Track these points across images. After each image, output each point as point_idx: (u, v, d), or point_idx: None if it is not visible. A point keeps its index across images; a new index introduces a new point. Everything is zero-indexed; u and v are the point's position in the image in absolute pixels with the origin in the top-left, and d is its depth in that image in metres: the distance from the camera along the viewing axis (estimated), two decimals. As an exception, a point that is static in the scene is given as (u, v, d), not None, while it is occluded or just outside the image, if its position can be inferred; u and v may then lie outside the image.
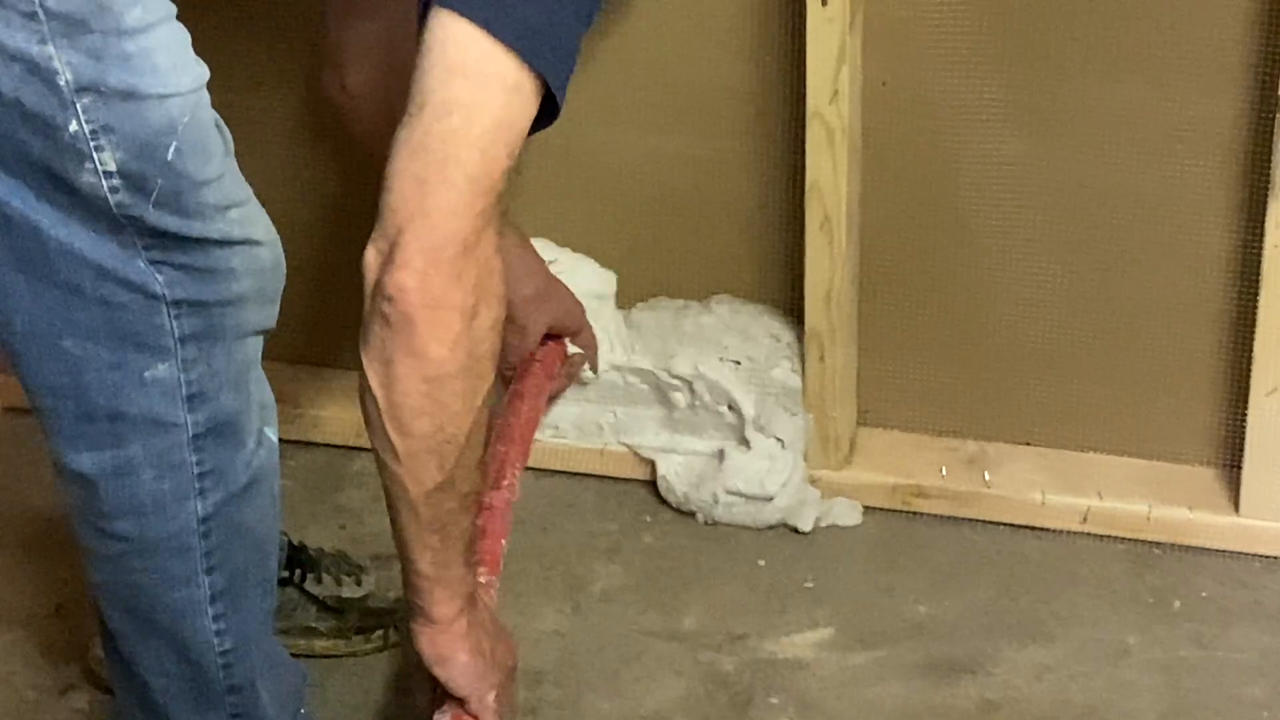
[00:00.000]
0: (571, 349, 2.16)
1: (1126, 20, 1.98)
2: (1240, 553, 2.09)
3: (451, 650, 1.66)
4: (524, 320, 2.08)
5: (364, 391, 1.55)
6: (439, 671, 1.67)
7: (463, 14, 1.48)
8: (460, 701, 1.68)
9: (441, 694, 1.69)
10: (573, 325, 2.16)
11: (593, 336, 2.18)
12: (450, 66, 1.49)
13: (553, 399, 2.18)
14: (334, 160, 2.26)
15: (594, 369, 2.19)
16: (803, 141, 2.04)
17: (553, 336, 2.13)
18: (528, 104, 1.52)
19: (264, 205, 1.61)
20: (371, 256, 1.52)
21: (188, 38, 1.50)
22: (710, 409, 2.17)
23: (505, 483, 1.93)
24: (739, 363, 2.16)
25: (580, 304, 2.16)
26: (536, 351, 2.11)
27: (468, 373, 1.53)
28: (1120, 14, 1.97)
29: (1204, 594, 2.05)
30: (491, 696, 1.69)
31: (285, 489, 2.21)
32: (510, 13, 1.49)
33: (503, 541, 1.87)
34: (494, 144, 1.50)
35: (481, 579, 1.78)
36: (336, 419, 2.33)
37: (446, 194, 1.49)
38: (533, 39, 1.49)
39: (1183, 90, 1.99)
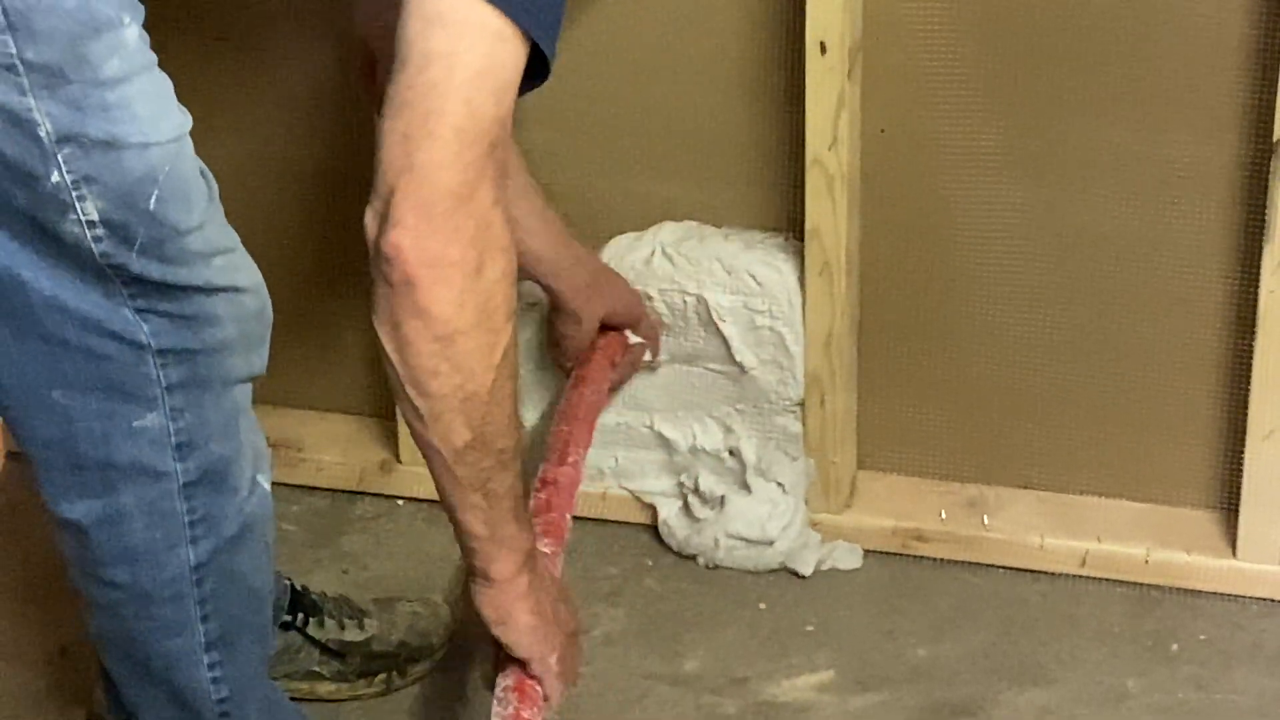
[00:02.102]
0: (633, 339, 2.15)
1: (1123, 67, 1.99)
2: (1238, 596, 2.10)
3: (512, 610, 1.63)
4: (579, 309, 2.08)
5: (382, 358, 1.52)
6: (500, 633, 1.64)
7: None
8: (522, 664, 1.66)
9: (504, 657, 1.67)
10: (631, 315, 2.13)
11: (653, 326, 2.15)
12: (427, 17, 1.46)
13: (615, 389, 2.16)
14: (333, 205, 2.27)
15: (655, 356, 2.16)
16: (803, 188, 2.05)
17: (613, 328, 2.12)
18: (513, 52, 1.47)
19: (263, 251, 1.62)
20: (369, 219, 1.48)
21: (169, 86, 1.51)
22: (712, 454, 2.19)
23: (570, 460, 1.93)
24: (743, 410, 2.17)
25: (637, 293, 2.14)
26: (598, 341, 2.11)
27: (479, 328, 1.49)
28: (1116, 60, 1.99)
29: (1203, 637, 2.06)
30: (554, 659, 1.66)
31: (288, 533, 2.24)
32: None
33: (568, 515, 1.87)
34: (478, 92, 1.46)
35: (546, 549, 1.77)
36: (339, 464, 2.34)
37: (432, 147, 1.45)
38: None
39: (1179, 136, 2.00)
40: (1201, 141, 1.99)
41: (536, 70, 1.52)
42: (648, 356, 2.18)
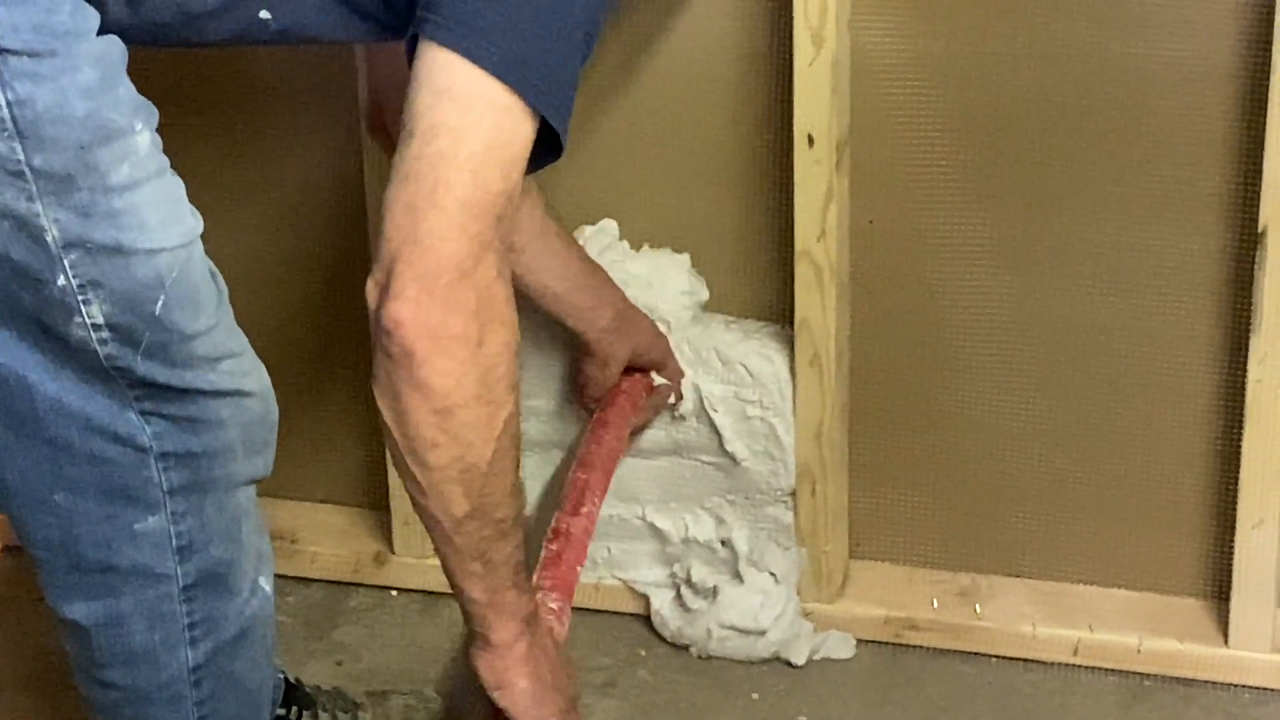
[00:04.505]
0: (658, 381, 2.13)
1: (1109, 159, 2.01)
2: (1231, 684, 2.10)
3: (511, 675, 1.63)
4: (604, 352, 2.06)
5: (382, 428, 1.52)
6: (498, 697, 1.64)
7: (445, 44, 1.46)
8: None
9: None
10: (656, 357, 2.11)
11: (678, 368, 2.13)
12: (437, 91, 1.47)
13: (639, 431, 2.14)
14: (324, 295, 2.28)
15: (679, 399, 2.13)
16: (792, 279, 2.07)
17: (638, 369, 2.10)
18: (520, 127, 1.48)
19: (254, 343, 1.62)
20: (370, 289, 1.48)
21: (181, 191, 1.52)
22: (704, 544, 2.19)
23: (584, 510, 1.91)
24: (734, 501, 2.18)
25: (664, 335, 2.12)
26: (622, 383, 2.09)
27: (479, 401, 1.49)
28: (1102, 154, 2.01)
29: (1195, 726, 2.06)
30: None
31: (282, 625, 2.24)
32: (494, 42, 1.46)
33: (578, 569, 1.85)
34: (485, 166, 1.47)
35: (554, 605, 1.76)
36: (333, 555, 2.34)
37: (437, 219, 1.45)
38: (518, 67, 1.47)
39: (1165, 228, 2.02)
40: (1187, 233, 2.01)
41: (550, 146, 1.53)
42: (672, 399, 2.14)
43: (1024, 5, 1.97)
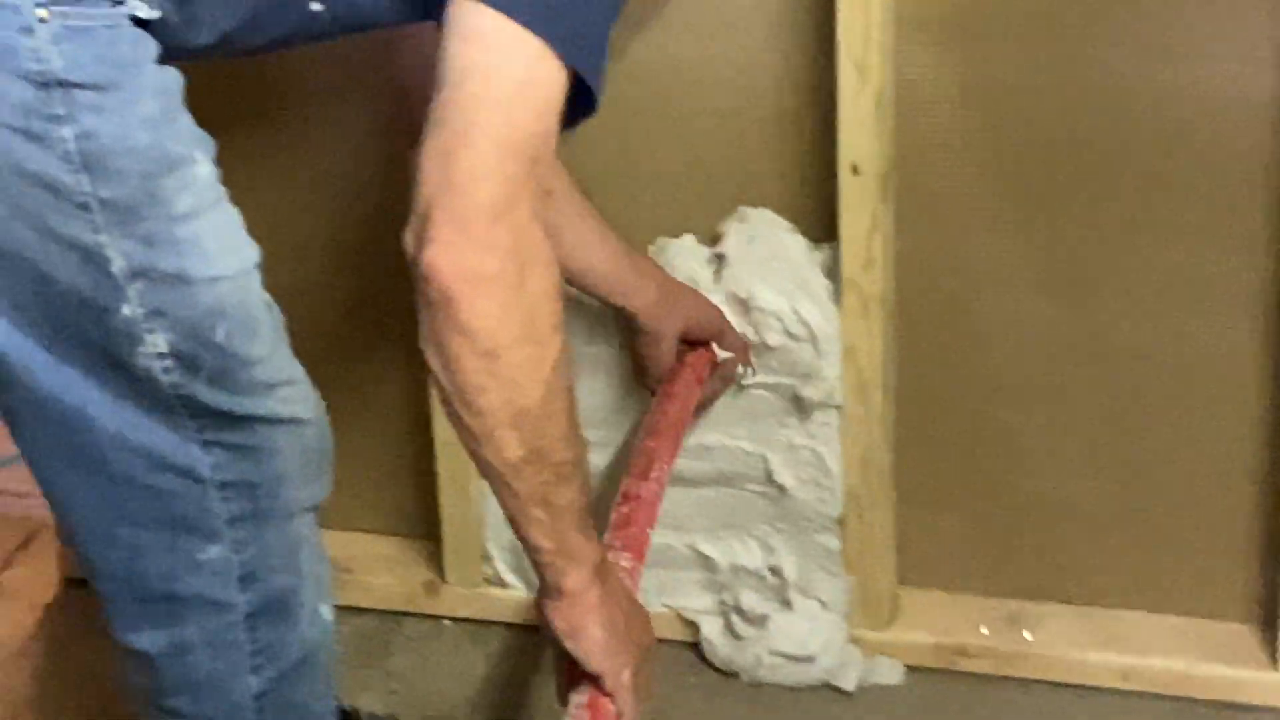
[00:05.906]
0: (720, 354, 2.11)
1: (1151, 185, 2.01)
2: (1280, 708, 2.10)
3: (583, 623, 1.61)
4: (655, 328, 2.06)
5: (431, 378, 1.50)
6: (571, 646, 1.62)
7: None
8: (595, 679, 1.63)
9: (577, 673, 1.64)
10: (712, 328, 2.10)
11: (739, 338, 2.11)
12: (465, 36, 1.46)
13: (705, 406, 2.13)
14: (375, 328, 2.30)
15: (750, 368, 2.12)
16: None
17: (698, 344, 2.10)
18: (552, 71, 1.47)
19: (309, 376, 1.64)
20: (408, 238, 1.47)
21: (239, 220, 1.53)
22: (753, 572, 2.20)
23: (653, 475, 1.91)
24: (782, 529, 2.19)
25: (716, 307, 2.11)
26: (685, 357, 2.08)
27: (525, 342, 1.47)
28: (1145, 179, 2.01)
29: (1246, 750, 2.06)
30: (627, 674, 1.63)
31: (336, 654, 2.25)
32: None
33: (649, 530, 1.84)
34: (517, 106, 1.45)
35: (625, 564, 1.75)
36: (386, 585, 2.36)
37: (470, 159, 1.44)
38: (545, 13, 1.46)
39: (1208, 249, 2.02)
40: (1231, 255, 2.01)
41: (584, 105, 1.52)
42: (740, 369, 2.13)
43: (1066, 34, 1.98)
